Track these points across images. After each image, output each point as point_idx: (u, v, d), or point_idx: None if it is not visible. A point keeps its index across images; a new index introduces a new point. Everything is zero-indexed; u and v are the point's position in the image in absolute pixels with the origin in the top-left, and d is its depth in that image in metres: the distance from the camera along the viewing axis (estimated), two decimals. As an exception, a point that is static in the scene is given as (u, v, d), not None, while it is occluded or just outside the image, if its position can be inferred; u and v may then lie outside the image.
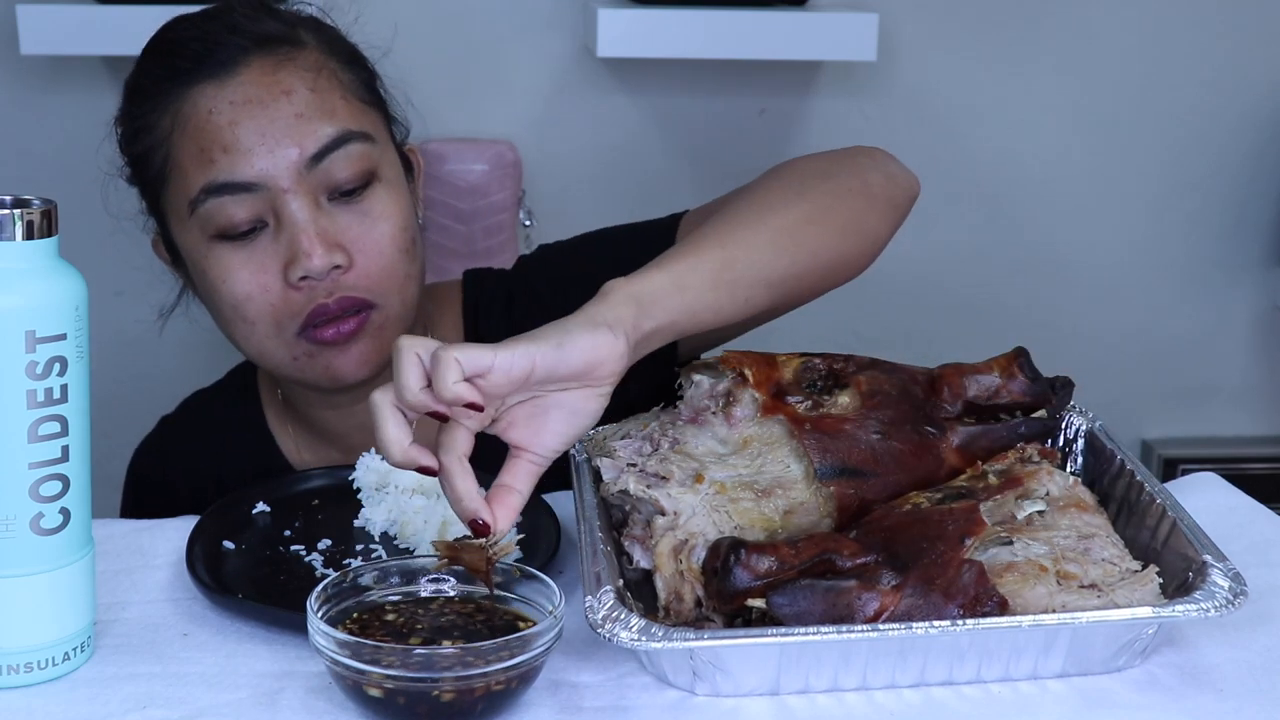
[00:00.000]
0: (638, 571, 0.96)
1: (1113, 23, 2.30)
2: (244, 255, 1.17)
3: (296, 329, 1.18)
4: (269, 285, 1.17)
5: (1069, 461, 1.11)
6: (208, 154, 1.16)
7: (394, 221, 1.20)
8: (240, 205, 1.16)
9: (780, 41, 2.04)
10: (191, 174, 1.17)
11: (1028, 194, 2.37)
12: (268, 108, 1.17)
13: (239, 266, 1.17)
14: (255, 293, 1.18)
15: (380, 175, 1.21)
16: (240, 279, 1.18)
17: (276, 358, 1.21)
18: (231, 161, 1.16)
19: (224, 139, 1.16)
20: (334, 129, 1.18)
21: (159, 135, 1.20)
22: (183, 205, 1.19)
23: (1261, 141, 2.36)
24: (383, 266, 1.19)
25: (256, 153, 1.16)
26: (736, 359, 1.04)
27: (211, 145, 1.17)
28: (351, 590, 0.92)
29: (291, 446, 1.35)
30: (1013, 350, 1.08)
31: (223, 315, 1.22)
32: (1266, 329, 2.47)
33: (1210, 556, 0.91)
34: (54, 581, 0.89)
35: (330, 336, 1.18)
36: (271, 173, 1.16)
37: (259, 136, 1.16)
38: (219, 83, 1.18)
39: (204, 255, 1.19)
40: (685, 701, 0.88)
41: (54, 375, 0.86)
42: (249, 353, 1.24)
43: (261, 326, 1.19)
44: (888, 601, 0.87)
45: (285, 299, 1.17)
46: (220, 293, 1.19)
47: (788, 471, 0.99)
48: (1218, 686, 0.90)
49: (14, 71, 2.15)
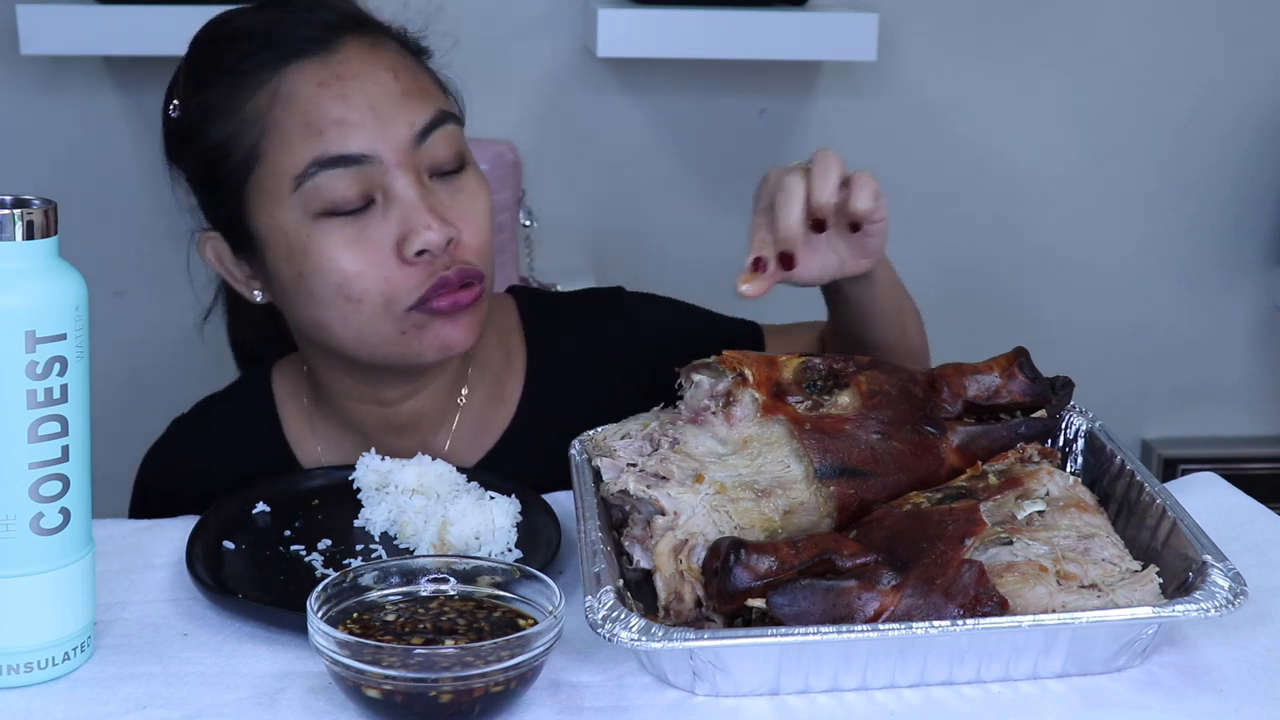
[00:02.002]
0: (638, 571, 0.96)
1: (1113, 23, 2.30)
2: (353, 232, 1.16)
3: (411, 303, 1.17)
4: (381, 262, 1.16)
5: (1069, 461, 1.11)
6: (316, 127, 1.15)
7: (486, 200, 1.23)
8: (350, 180, 1.15)
9: (780, 41, 2.04)
10: (297, 149, 1.16)
11: (1027, 194, 2.37)
12: (377, 83, 1.17)
13: (348, 244, 1.16)
14: (366, 270, 1.16)
15: (468, 157, 1.23)
16: (349, 257, 1.16)
17: (380, 335, 1.19)
18: (343, 135, 1.15)
19: (334, 112, 1.16)
20: (434, 108, 1.19)
21: (252, 114, 1.18)
22: (282, 183, 1.16)
23: (1261, 141, 2.37)
24: (482, 240, 1.21)
25: (368, 126, 1.16)
26: (736, 359, 1.04)
27: (320, 118, 1.16)
28: (351, 590, 0.92)
29: (313, 452, 1.33)
30: (1013, 350, 1.08)
31: (322, 296, 1.18)
32: (1266, 329, 2.47)
33: (1210, 556, 0.91)
34: (54, 581, 0.89)
35: (447, 306, 1.17)
36: (382, 147, 1.16)
37: (370, 111, 1.16)
38: (322, 59, 1.18)
39: (307, 234, 1.16)
40: (685, 701, 0.88)
41: (54, 375, 0.86)
42: (344, 335, 1.19)
43: (368, 304, 1.17)
44: (888, 601, 0.87)
45: (399, 275, 1.16)
46: (326, 272, 1.16)
47: (788, 471, 0.99)
48: (1218, 686, 0.90)
49: (14, 71, 2.15)
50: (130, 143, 2.19)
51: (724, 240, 2.32)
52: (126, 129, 2.19)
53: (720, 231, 2.31)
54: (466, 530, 1.05)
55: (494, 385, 1.34)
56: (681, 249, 2.31)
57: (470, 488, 1.13)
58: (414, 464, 1.13)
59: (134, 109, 2.19)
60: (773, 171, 1.13)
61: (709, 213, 2.30)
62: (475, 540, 1.05)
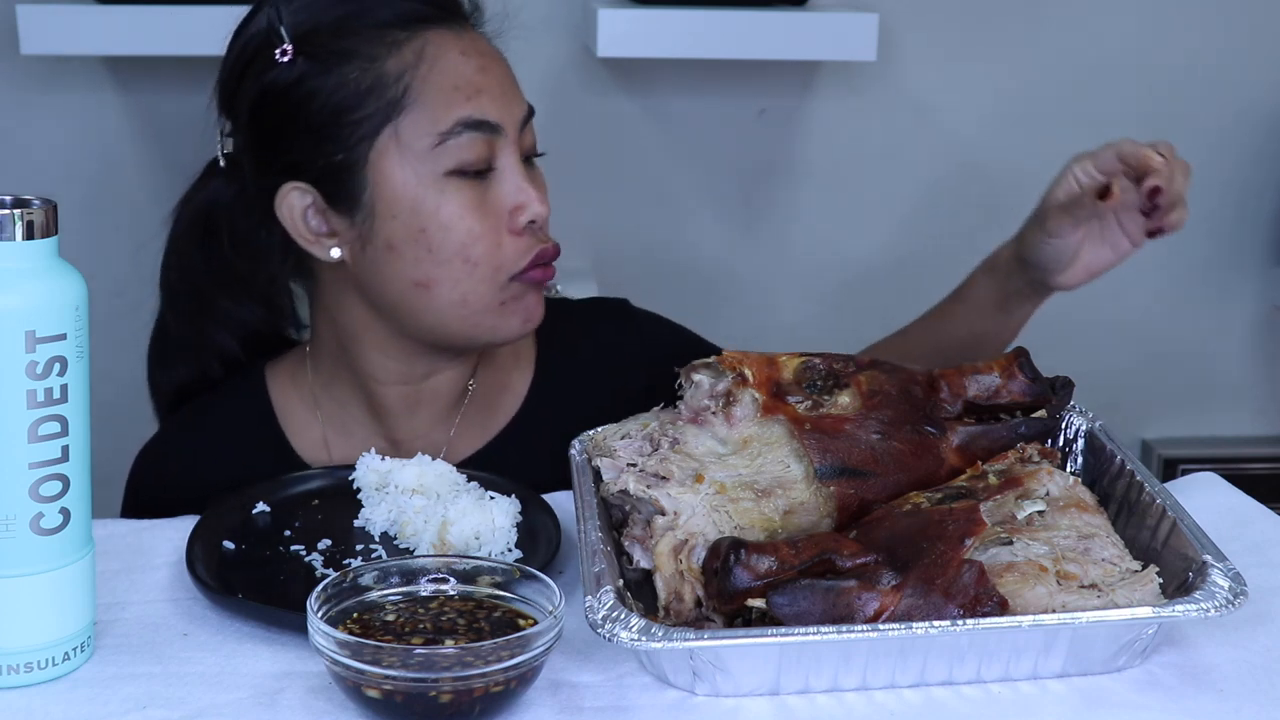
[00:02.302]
0: (638, 571, 0.96)
1: (1112, 23, 2.30)
2: (475, 196, 1.21)
3: (515, 272, 1.22)
4: (497, 228, 1.22)
5: (1069, 461, 1.11)
6: (465, 89, 1.21)
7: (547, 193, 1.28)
8: (482, 145, 1.21)
9: (780, 41, 2.04)
10: (446, 107, 1.20)
11: (1028, 194, 2.37)
12: (500, 65, 1.26)
13: (473, 206, 1.21)
14: (486, 234, 1.21)
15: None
16: (474, 219, 1.21)
17: (482, 302, 1.23)
18: (484, 102, 1.21)
19: (476, 81, 1.22)
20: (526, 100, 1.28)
21: (396, 69, 1.21)
22: (422, 139, 1.20)
23: (1261, 141, 2.36)
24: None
25: (499, 101, 1.23)
26: (736, 359, 1.04)
27: (467, 82, 1.21)
28: (351, 590, 0.92)
29: (316, 440, 1.33)
30: (1013, 350, 1.08)
31: (441, 254, 1.21)
32: (1266, 329, 2.47)
33: (1210, 556, 0.91)
34: (54, 581, 0.89)
35: (541, 277, 1.24)
36: (508, 121, 1.23)
37: (501, 87, 1.24)
38: (457, 33, 1.24)
39: (438, 191, 1.20)
40: (685, 701, 0.88)
41: (54, 375, 0.86)
42: (448, 297, 1.22)
43: (483, 268, 1.21)
44: (888, 601, 0.87)
45: (510, 243, 1.22)
46: (453, 230, 1.20)
47: (788, 471, 0.99)
48: (1218, 686, 0.90)
49: (14, 71, 2.15)
50: (130, 143, 2.19)
51: (723, 239, 2.32)
52: (126, 129, 2.19)
53: (720, 231, 2.31)
54: (466, 530, 1.05)
55: (501, 375, 1.36)
56: (681, 248, 2.31)
57: (470, 488, 1.13)
58: (414, 464, 1.13)
59: (134, 109, 2.19)
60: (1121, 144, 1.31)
61: (709, 212, 2.30)
62: (475, 540, 1.05)
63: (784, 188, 2.30)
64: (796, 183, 2.30)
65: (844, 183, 2.31)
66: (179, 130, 2.19)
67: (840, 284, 2.36)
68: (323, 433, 1.33)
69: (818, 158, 2.29)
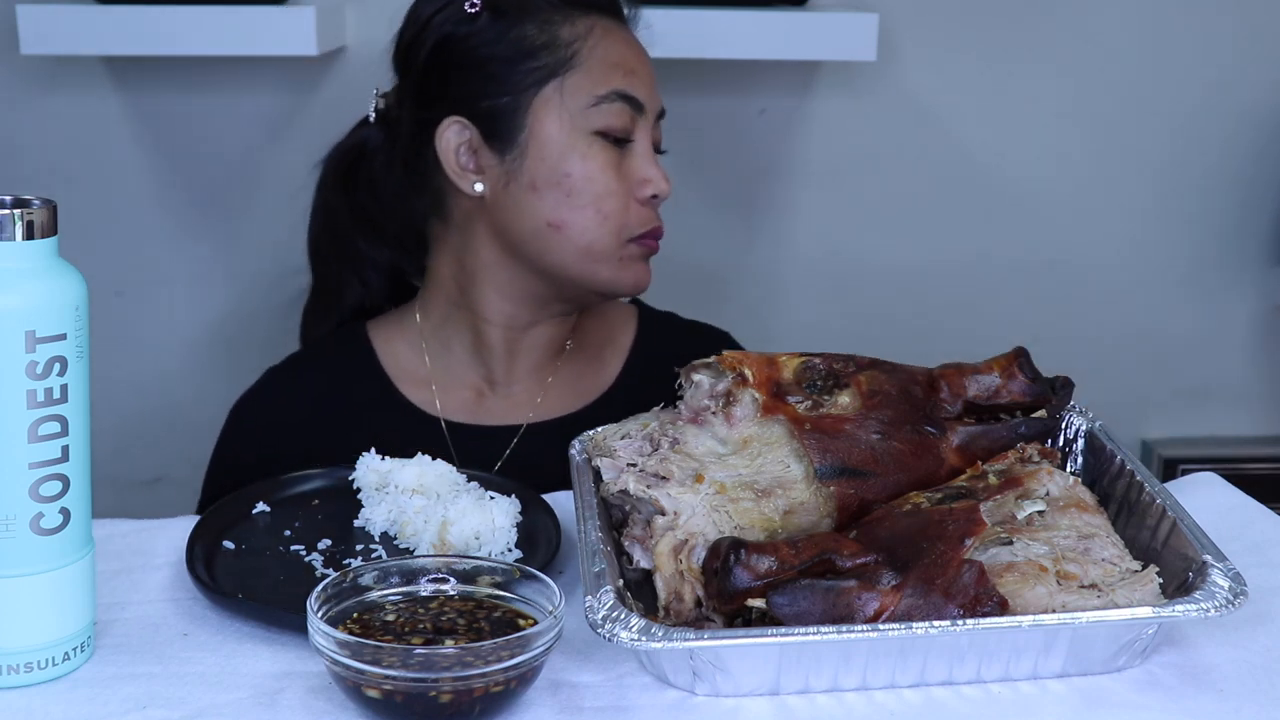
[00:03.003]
0: (638, 571, 0.96)
1: (1113, 23, 2.30)
2: (614, 157, 1.39)
3: (634, 235, 1.39)
4: (627, 192, 1.39)
5: (1069, 461, 1.11)
6: (622, 68, 1.40)
7: None
8: (629, 117, 1.39)
9: (780, 41, 2.04)
10: (606, 76, 1.39)
11: (1027, 194, 2.37)
12: (647, 62, 1.44)
13: (612, 166, 1.38)
14: (619, 193, 1.38)
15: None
16: (611, 176, 1.38)
17: (603, 252, 1.39)
18: (638, 82, 1.40)
19: (632, 64, 1.41)
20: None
21: (569, 36, 1.39)
22: (580, 98, 1.38)
23: (1261, 141, 2.36)
24: None
25: (648, 87, 1.42)
26: (736, 359, 1.04)
27: (625, 63, 1.41)
28: (351, 590, 0.92)
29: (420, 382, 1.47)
30: (1013, 350, 1.08)
31: (578, 199, 1.38)
32: (1266, 329, 2.47)
33: (1210, 556, 0.91)
34: (54, 581, 0.89)
35: (654, 247, 1.42)
36: (650, 107, 1.42)
37: (648, 77, 1.43)
38: (619, 23, 1.45)
39: (586, 145, 1.38)
40: (685, 701, 0.88)
41: (54, 375, 0.86)
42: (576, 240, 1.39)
43: (610, 222, 1.38)
44: (888, 601, 0.87)
45: (632, 210, 1.39)
46: (594, 180, 1.38)
47: (788, 471, 0.99)
48: (1218, 686, 0.90)
49: (14, 71, 2.15)
50: (130, 143, 2.19)
51: (723, 240, 2.32)
52: (126, 129, 2.19)
53: (720, 231, 2.31)
54: (466, 530, 1.05)
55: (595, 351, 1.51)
56: (681, 248, 2.30)
57: (470, 488, 1.13)
58: (414, 464, 1.13)
59: (134, 109, 2.19)
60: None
61: (709, 212, 2.30)
62: (475, 540, 1.05)
63: (784, 188, 2.30)
64: (796, 183, 2.29)
65: (844, 183, 2.31)
66: (179, 130, 2.19)
67: (840, 284, 2.36)
68: (429, 374, 1.47)
69: (818, 158, 2.29)
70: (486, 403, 1.47)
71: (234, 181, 2.23)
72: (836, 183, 2.31)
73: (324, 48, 1.99)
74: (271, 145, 2.22)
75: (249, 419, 1.49)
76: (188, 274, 2.25)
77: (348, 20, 2.18)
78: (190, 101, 2.19)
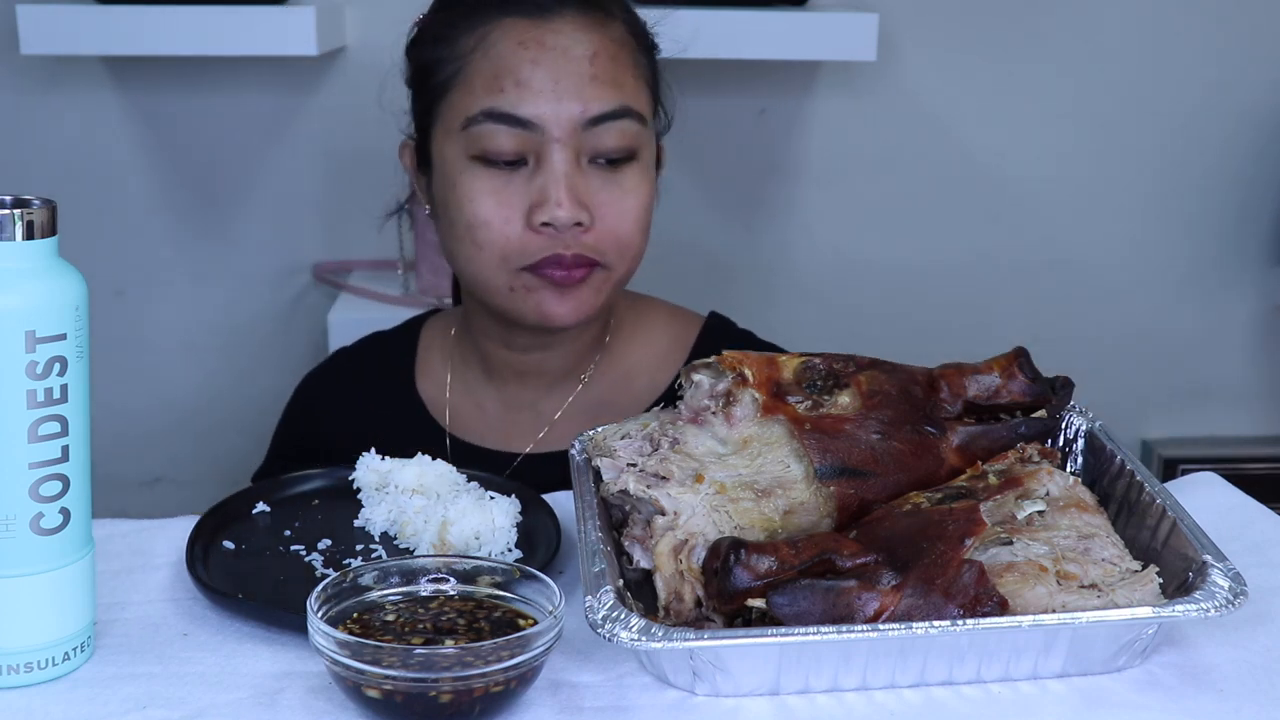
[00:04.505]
0: (638, 571, 0.96)
1: (1113, 23, 2.30)
2: (497, 184, 1.25)
3: (523, 265, 1.26)
4: (510, 219, 1.25)
5: (1069, 461, 1.11)
6: (499, 82, 1.24)
7: (640, 199, 1.29)
8: (510, 138, 1.24)
9: (780, 41, 2.04)
10: (478, 95, 1.25)
11: (1028, 194, 2.37)
12: (571, 60, 1.25)
13: (488, 193, 1.25)
14: (495, 222, 1.25)
15: (639, 155, 1.29)
16: (485, 205, 1.25)
17: (492, 284, 1.28)
18: (519, 96, 1.24)
19: (520, 73, 1.24)
20: (618, 101, 1.26)
21: (458, 50, 1.27)
22: (457, 120, 1.26)
23: (1261, 141, 2.37)
24: (620, 236, 1.28)
25: (545, 96, 1.24)
26: (736, 359, 1.04)
27: (506, 75, 1.24)
28: (351, 590, 0.92)
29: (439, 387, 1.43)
30: (1013, 350, 1.08)
31: (453, 233, 1.28)
32: (1266, 329, 2.47)
33: (1210, 556, 0.91)
34: (54, 581, 0.89)
35: (559, 278, 1.26)
36: (550, 119, 1.24)
37: (552, 82, 1.24)
38: (533, 21, 1.26)
39: (459, 171, 1.26)
40: (685, 701, 0.88)
41: (54, 375, 0.86)
42: (464, 274, 1.31)
43: (487, 253, 1.26)
44: (888, 601, 0.87)
45: (522, 237, 1.25)
46: (462, 211, 1.26)
47: (788, 471, 0.99)
48: (1218, 686, 0.90)
49: (14, 71, 2.15)
50: (130, 143, 2.19)
51: (723, 240, 2.32)
52: (126, 129, 2.19)
53: (719, 231, 2.31)
54: (466, 530, 1.05)
55: (625, 379, 1.41)
56: (681, 248, 2.31)
57: (470, 488, 1.13)
58: (414, 464, 1.13)
59: (134, 109, 2.19)
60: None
61: (709, 212, 2.30)
62: (475, 540, 1.05)
63: (784, 188, 2.30)
64: (796, 183, 2.30)
65: (844, 183, 2.31)
66: (179, 130, 2.19)
67: (840, 284, 2.36)
68: (448, 383, 1.43)
69: (818, 158, 2.29)
70: (492, 423, 1.42)
71: (234, 181, 2.23)
72: (836, 183, 2.31)
73: (324, 48, 1.99)
74: (271, 145, 2.22)
75: (304, 400, 1.50)
76: (188, 274, 2.26)
77: (348, 20, 2.18)
78: (190, 101, 2.19)
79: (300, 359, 2.22)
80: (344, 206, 2.25)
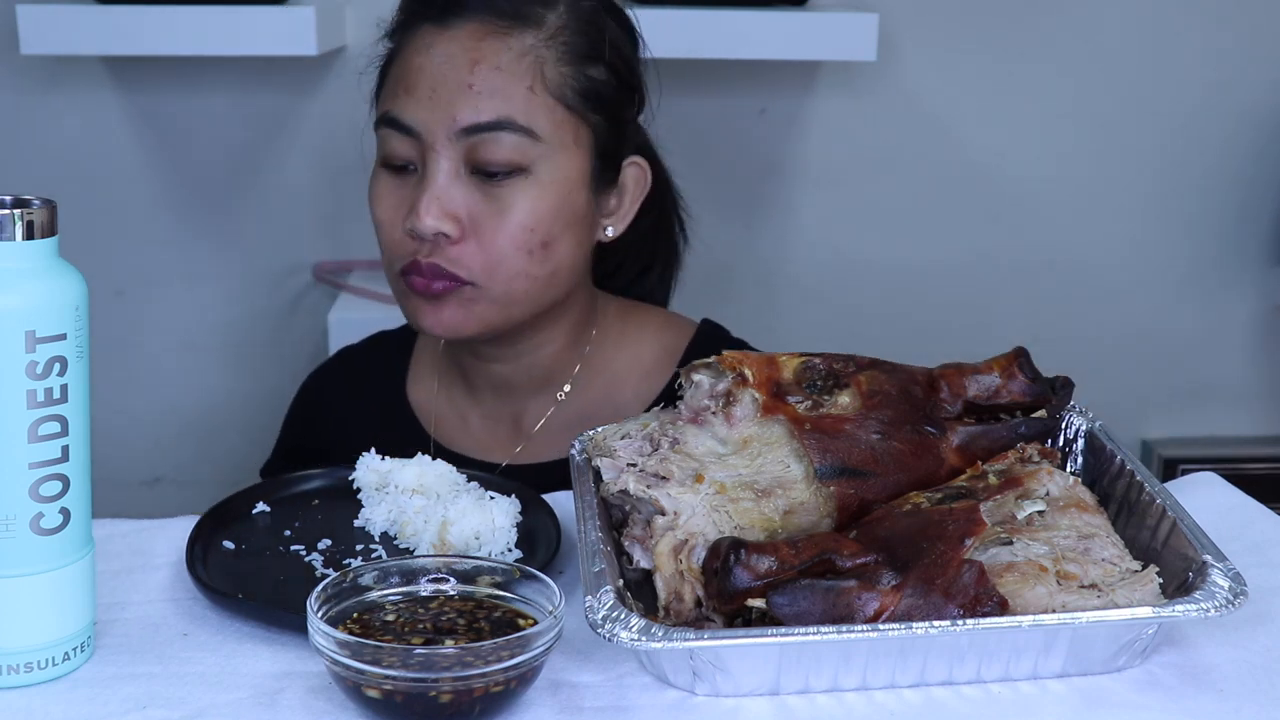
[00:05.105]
0: (638, 571, 0.96)
1: (1113, 23, 2.30)
2: (394, 185, 1.28)
3: (400, 268, 1.28)
4: (396, 222, 1.27)
5: (1069, 461, 1.11)
6: (397, 87, 1.26)
7: (520, 218, 1.25)
8: (403, 143, 1.26)
9: (780, 41, 2.04)
10: (385, 98, 1.29)
11: (1028, 194, 2.37)
12: (454, 68, 1.24)
13: (388, 193, 1.28)
14: (385, 224, 1.28)
15: (531, 171, 1.25)
16: (381, 206, 1.28)
17: (392, 287, 1.32)
18: (406, 103, 1.25)
19: (411, 80, 1.25)
20: (494, 113, 1.23)
21: (392, 53, 1.30)
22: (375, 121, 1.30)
23: (1261, 141, 2.37)
24: (492, 254, 1.25)
25: (423, 104, 1.24)
26: (736, 359, 1.04)
27: (401, 81, 1.26)
28: (351, 590, 0.92)
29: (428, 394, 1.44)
30: (1013, 350, 1.08)
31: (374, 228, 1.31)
32: (1266, 329, 2.47)
33: (1210, 556, 0.91)
34: (54, 581, 0.89)
35: (418, 287, 1.26)
36: (428, 127, 1.24)
37: (430, 91, 1.24)
38: (438, 29, 1.26)
39: (373, 172, 1.30)
40: (685, 701, 0.88)
41: (54, 375, 0.86)
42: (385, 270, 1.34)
43: (384, 255, 1.30)
44: (888, 601, 0.87)
45: (400, 239, 1.27)
46: (371, 210, 1.29)
47: (788, 471, 0.99)
48: (1218, 686, 0.90)
49: (14, 71, 2.15)
50: (130, 143, 2.19)
51: (723, 240, 2.32)
52: (126, 129, 2.19)
53: (719, 231, 2.31)
54: (466, 530, 1.05)
55: (608, 390, 1.38)
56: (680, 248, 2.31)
57: (470, 488, 1.13)
58: (414, 464, 1.13)
59: (134, 109, 2.19)
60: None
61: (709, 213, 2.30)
62: (475, 540, 1.05)
63: (784, 188, 2.30)
64: (796, 183, 2.30)
65: (844, 183, 2.31)
66: (179, 130, 2.19)
67: (840, 284, 2.36)
68: (435, 388, 1.43)
69: (818, 158, 2.29)
70: (474, 433, 1.41)
71: (234, 181, 2.23)
72: (836, 183, 2.31)
73: (324, 48, 1.99)
74: (271, 145, 2.22)
75: (307, 395, 1.52)
76: (188, 274, 2.26)
77: (348, 20, 2.18)
78: (190, 101, 2.19)
79: (300, 359, 2.22)
80: (344, 206, 2.25)
